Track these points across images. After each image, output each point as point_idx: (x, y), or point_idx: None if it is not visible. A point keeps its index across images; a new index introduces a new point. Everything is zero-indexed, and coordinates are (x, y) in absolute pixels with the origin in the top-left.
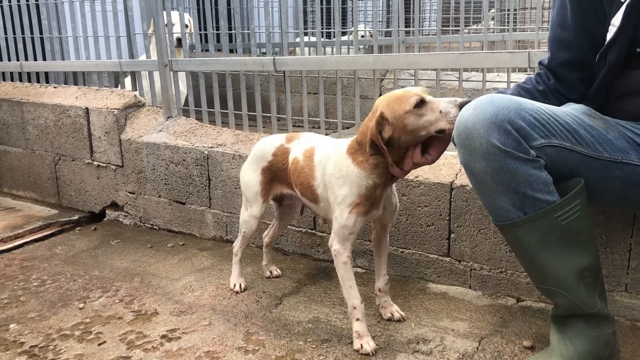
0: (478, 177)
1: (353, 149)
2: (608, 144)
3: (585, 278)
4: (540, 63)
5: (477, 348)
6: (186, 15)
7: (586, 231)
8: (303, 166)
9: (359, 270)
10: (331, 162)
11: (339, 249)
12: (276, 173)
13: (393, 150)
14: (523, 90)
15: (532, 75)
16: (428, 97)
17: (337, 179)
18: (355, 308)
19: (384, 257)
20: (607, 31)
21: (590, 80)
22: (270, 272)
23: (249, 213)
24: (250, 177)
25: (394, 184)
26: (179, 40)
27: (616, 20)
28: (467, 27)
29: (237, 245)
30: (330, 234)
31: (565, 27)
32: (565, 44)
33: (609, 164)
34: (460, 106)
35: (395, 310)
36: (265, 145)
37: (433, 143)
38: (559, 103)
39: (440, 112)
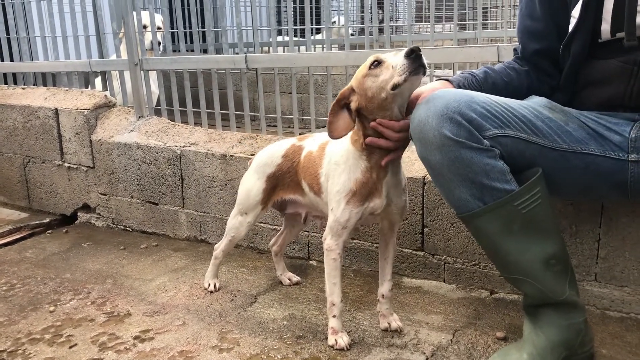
0: (435, 170)
1: (353, 133)
2: (567, 135)
3: (552, 266)
4: (515, 50)
5: (451, 340)
6: (158, 17)
7: (548, 219)
8: (315, 156)
9: None
10: (337, 149)
11: (331, 245)
12: (282, 177)
13: (367, 128)
14: (510, 69)
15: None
16: (385, 57)
17: (339, 166)
18: (334, 305)
19: (390, 259)
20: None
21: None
22: (289, 279)
23: (242, 219)
24: (253, 185)
25: (403, 177)
26: (151, 42)
27: (576, 12)
28: (439, 23)
29: (220, 248)
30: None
31: (534, 17)
32: (535, 34)
33: (568, 154)
34: (406, 54)
35: (393, 320)
36: (272, 151)
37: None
38: (542, 85)
39: (392, 67)
